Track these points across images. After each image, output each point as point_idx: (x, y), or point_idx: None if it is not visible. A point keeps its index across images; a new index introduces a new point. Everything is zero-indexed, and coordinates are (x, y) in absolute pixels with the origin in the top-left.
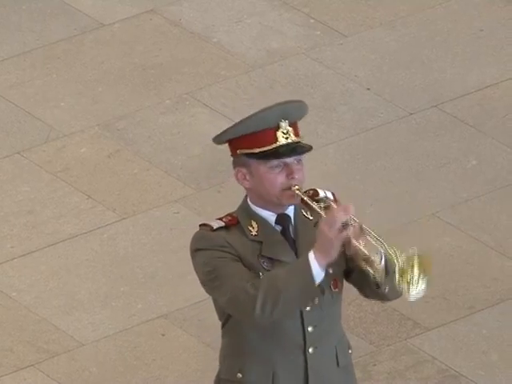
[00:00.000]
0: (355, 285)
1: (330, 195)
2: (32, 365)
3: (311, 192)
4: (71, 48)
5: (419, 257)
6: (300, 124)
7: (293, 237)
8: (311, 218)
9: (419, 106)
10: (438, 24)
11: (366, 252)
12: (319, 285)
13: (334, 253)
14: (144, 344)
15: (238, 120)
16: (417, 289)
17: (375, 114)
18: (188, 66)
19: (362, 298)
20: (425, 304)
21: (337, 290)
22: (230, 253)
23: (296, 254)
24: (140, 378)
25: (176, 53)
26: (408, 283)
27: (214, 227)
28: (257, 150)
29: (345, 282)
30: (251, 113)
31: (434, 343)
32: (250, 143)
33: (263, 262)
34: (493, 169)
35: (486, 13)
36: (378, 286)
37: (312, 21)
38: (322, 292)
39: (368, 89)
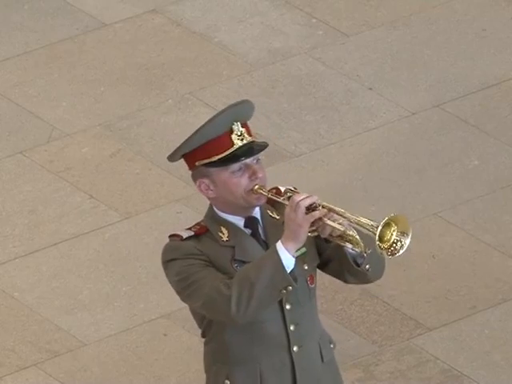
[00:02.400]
0: (334, 273)
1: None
2: (34, 365)
3: (274, 190)
4: (73, 48)
5: (393, 218)
6: (302, 124)
7: (263, 238)
8: (278, 217)
9: (421, 106)
10: (440, 24)
11: (340, 227)
12: (292, 272)
13: (303, 237)
14: (146, 344)
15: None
16: (402, 248)
17: (377, 113)
18: (190, 66)
19: (364, 297)
20: (427, 304)
21: (313, 285)
22: (201, 259)
23: None
24: (142, 378)
25: (178, 52)
26: (389, 247)
27: (184, 237)
28: (215, 158)
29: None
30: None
31: (436, 343)
32: (208, 153)
33: (236, 267)
34: (495, 169)
35: (489, 12)
36: (358, 264)
37: (314, 20)
38: (295, 279)
39: (370, 88)
